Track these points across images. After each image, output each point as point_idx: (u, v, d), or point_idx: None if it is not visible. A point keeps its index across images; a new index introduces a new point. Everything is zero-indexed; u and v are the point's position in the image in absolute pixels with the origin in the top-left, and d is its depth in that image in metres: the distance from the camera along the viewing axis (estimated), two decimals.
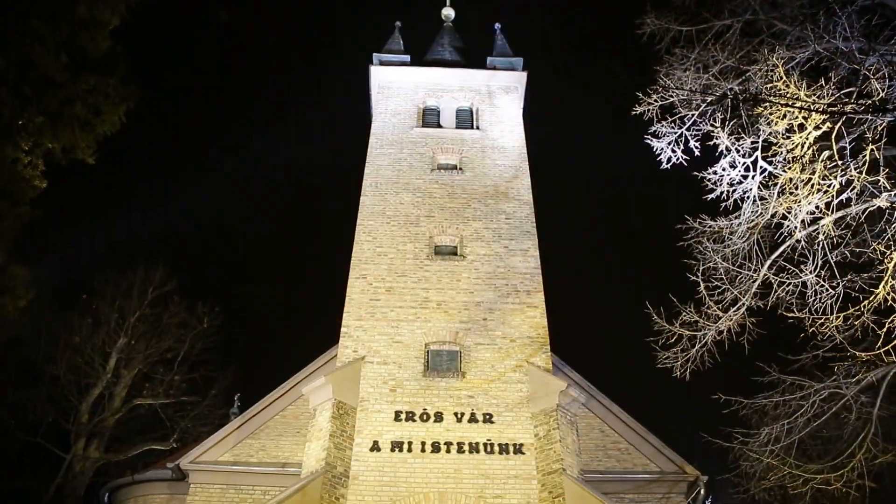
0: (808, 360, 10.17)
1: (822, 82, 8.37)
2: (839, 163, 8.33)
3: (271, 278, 50.47)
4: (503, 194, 15.41)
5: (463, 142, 16.60)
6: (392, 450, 11.44)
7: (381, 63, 18.42)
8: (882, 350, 8.00)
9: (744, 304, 9.40)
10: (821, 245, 8.81)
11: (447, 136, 16.74)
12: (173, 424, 19.07)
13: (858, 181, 8.17)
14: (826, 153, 8.40)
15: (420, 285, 13.66)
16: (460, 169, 15.95)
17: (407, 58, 18.77)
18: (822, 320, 8.64)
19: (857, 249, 9.24)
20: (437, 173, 15.82)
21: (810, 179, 8.48)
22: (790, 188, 8.83)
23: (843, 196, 8.48)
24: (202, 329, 19.80)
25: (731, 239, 9.71)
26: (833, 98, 8.29)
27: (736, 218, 9.63)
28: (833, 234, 8.72)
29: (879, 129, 8.15)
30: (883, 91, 8.07)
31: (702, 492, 13.89)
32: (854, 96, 8.46)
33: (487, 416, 11.86)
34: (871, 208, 8.42)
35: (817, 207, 8.65)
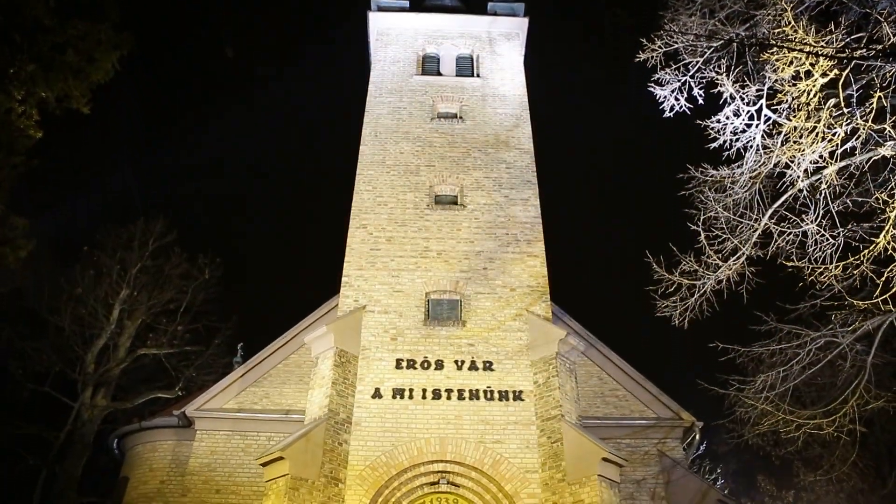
0: (805, 310, 10.26)
1: (832, 27, 8.17)
2: (845, 111, 8.20)
3: (272, 229, 50.54)
4: (504, 143, 15.27)
5: (463, 90, 16.35)
6: (393, 397, 11.67)
7: (380, 8, 17.99)
8: (879, 299, 8.03)
9: (744, 253, 9.41)
10: (823, 194, 8.76)
11: (447, 85, 16.48)
12: (178, 374, 19.34)
13: (864, 129, 8.05)
14: (832, 101, 8.26)
15: (420, 235, 13.68)
16: (460, 118, 15.76)
17: (406, 3, 18.33)
18: (822, 269, 8.65)
19: (860, 199, 9.19)
20: (437, 122, 15.65)
21: (815, 128, 8.37)
22: (794, 137, 8.72)
23: (848, 145, 8.38)
24: (204, 280, 19.87)
25: (732, 188, 9.66)
26: (842, 43, 8.10)
27: (738, 167, 9.55)
28: (836, 183, 8.66)
29: (888, 75, 7.99)
30: (894, 36, 7.87)
31: (697, 437, 14.22)
32: (864, 42, 8.27)
33: (487, 364, 12.04)
34: (876, 157, 8.33)
35: (821, 156, 8.56)
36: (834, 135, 8.29)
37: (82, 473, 17.44)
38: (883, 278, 7.98)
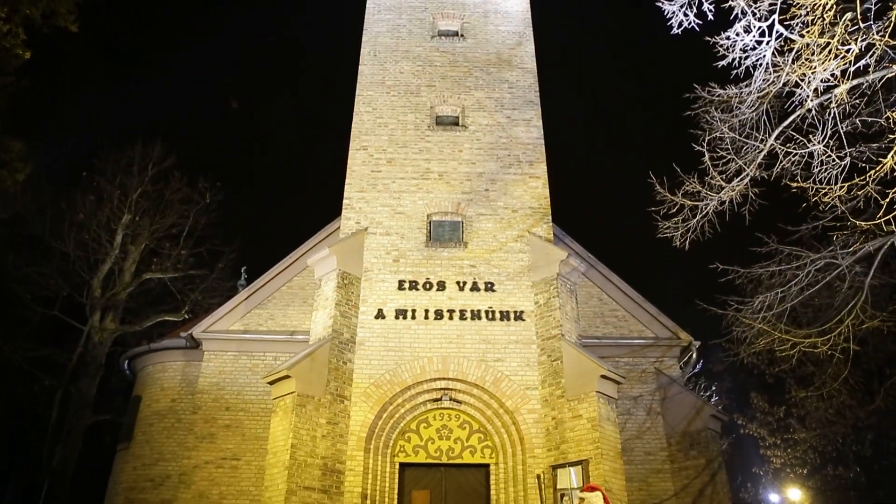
0: (806, 231, 10.29)
1: None
2: (861, 25, 7.91)
3: (272, 152, 50.03)
4: (506, 62, 14.86)
5: (464, 6, 15.76)
6: (396, 317, 11.87)
7: None
8: (882, 220, 8.00)
9: (748, 174, 9.32)
10: (832, 114, 8.58)
11: (448, 0, 15.86)
12: (184, 297, 19.63)
13: (880, 46, 7.80)
14: (848, 15, 7.95)
15: (421, 156, 13.54)
16: (462, 35, 15.27)
17: None
18: (826, 190, 8.58)
19: (869, 119, 9.03)
20: (438, 40, 15.17)
21: (828, 44, 8.09)
22: (806, 54, 8.45)
23: (861, 62, 8.14)
24: (205, 204, 19.88)
25: (739, 108, 9.47)
26: None
27: (746, 86, 9.32)
28: (846, 102, 8.46)
29: None
30: None
31: (693, 356, 14.57)
32: None
33: (489, 285, 12.18)
34: (890, 75, 8.11)
35: (832, 75, 8.32)
36: (847, 51, 8.02)
37: (96, 393, 18.01)
38: (887, 199, 7.93)
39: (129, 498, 13.47)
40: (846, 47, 8.00)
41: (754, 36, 9.02)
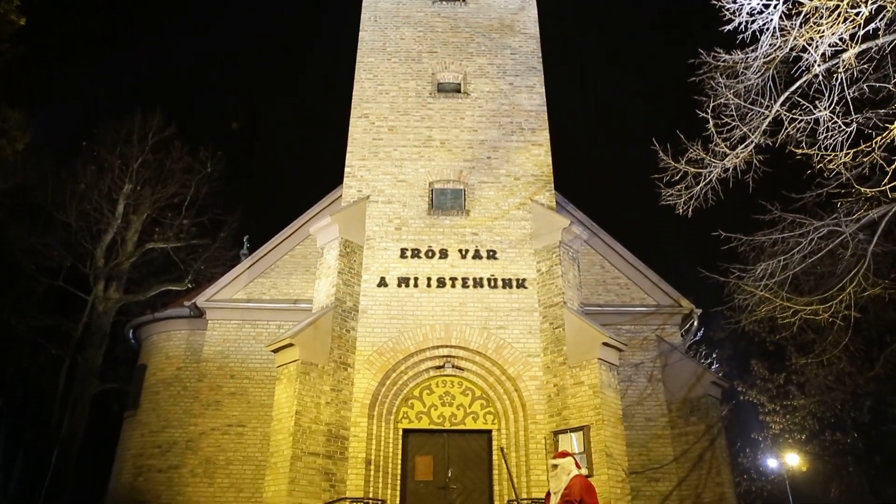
0: (810, 199, 10.24)
1: None
2: None
3: (273, 120, 49.69)
4: (508, 28, 14.63)
5: None
6: (399, 285, 11.90)
7: None
8: (888, 186, 7.95)
9: (752, 141, 9.24)
10: (839, 80, 8.46)
11: None
12: (187, 267, 19.69)
13: (891, 8, 7.66)
14: None
15: (423, 124, 13.43)
16: (463, 0, 15.01)
17: None
18: (831, 157, 8.50)
19: (877, 84, 8.91)
20: (439, 5, 14.92)
21: (837, 7, 7.94)
22: (814, 18, 8.30)
23: (871, 26, 8.00)
24: (206, 173, 19.80)
25: (745, 74, 9.35)
26: None
27: (753, 51, 9.18)
28: (854, 67, 8.34)
29: None
30: None
31: (695, 324, 14.63)
32: None
33: (491, 253, 12.18)
34: None
35: (841, 39, 8.19)
36: (857, 14, 7.88)
37: (102, 362, 18.18)
38: (893, 166, 7.87)
39: (138, 464, 13.69)
40: (856, 10, 7.86)
41: None
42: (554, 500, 5.84)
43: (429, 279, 11.93)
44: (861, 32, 8.01)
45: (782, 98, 9.04)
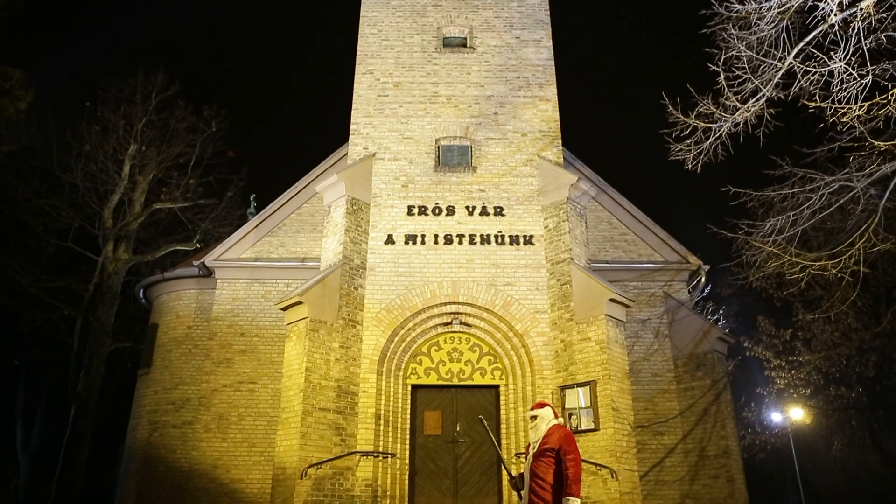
0: (821, 154, 10.09)
1: None
2: None
3: (278, 78, 49.13)
4: None
5: None
6: (406, 242, 11.92)
7: None
8: None
9: (764, 94, 9.05)
10: (856, 30, 8.23)
11: None
12: (194, 226, 19.71)
13: None
14: None
15: (429, 79, 13.24)
16: None
17: None
18: (845, 110, 8.33)
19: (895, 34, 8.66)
20: None
21: None
22: None
23: None
24: (211, 133, 19.64)
25: (758, 25, 9.08)
26: None
27: (766, 1, 8.92)
28: (872, 16, 8.10)
29: None
30: None
31: (702, 280, 14.62)
32: None
33: (498, 210, 12.15)
34: None
35: None
36: None
37: (115, 321, 18.40)
38: None
39: (153, 420, 13.99)
40: None
41: None
42: (532, 449, 5.73)
43: (436, 236, 11.94)
44: None
45: (796, 49, 8.81)
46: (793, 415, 21.95)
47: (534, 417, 5.87)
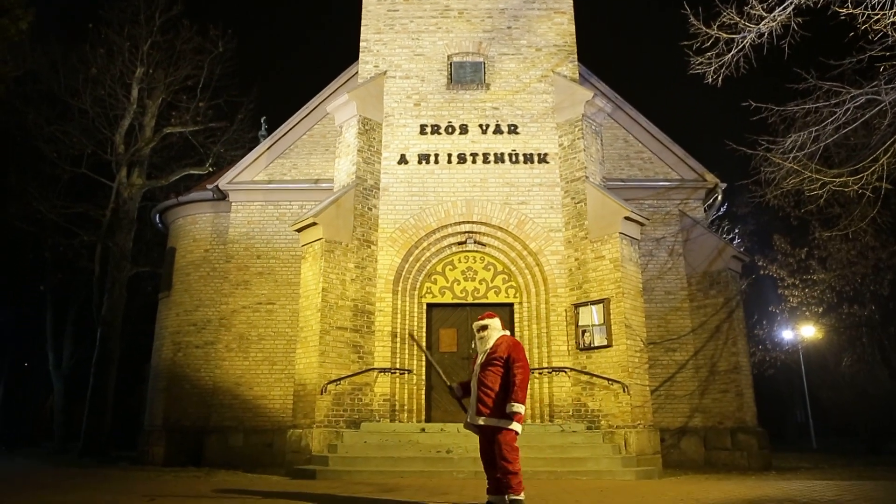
0: (849, 66, 9.68)
1: None
2: None
3: None
4: None
5: None
6: (419, 162, 11.81)
7: None
8: None
9: (792, 1, 8.63)
10: None
11: None
12: (206, 150, 19.60)
13: None
14: None
15: None
16: None
17: None
18: (878, 16, 7.94)
19: None
20: None
21: None
22: None
23: None
24: (218, 53, 19.21)
25: None
26: None
27: None
28: None
29: None
30: None
31: (719, 198, 14.46)
32: None
33: (512, 127, 11.93)
34: None
35: None
36: None
37: (133, 246, 18.66)
38: None
39: (176, 341, 14.41)
40: None
41: None
42: (480, 359, 5.67)
43: (449, 155, 11.81)
44: None
45: None
46: (804, 332, 22.14)
47: (483, 328, 5.78)
